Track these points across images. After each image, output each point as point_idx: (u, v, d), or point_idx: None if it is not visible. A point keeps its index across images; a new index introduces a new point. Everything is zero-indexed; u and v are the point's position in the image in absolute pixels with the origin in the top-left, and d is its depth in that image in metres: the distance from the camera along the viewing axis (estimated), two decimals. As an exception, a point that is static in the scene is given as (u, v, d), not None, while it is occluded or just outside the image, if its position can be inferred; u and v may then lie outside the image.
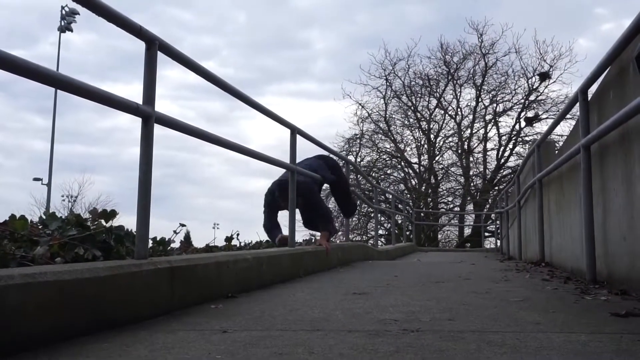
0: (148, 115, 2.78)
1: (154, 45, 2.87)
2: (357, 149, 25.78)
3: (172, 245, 4.43)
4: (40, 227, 3.12)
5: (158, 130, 2.86)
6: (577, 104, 4.30)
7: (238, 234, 5.01)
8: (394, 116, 26.33)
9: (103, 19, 2.49)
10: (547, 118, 24.10)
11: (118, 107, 2.61)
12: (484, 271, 5.78)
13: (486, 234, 22.45)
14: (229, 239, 4.84)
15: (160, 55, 2.92)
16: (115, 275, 2.31)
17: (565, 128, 18.64)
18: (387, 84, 25.64)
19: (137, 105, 2.71)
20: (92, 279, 2.16)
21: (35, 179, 32.64)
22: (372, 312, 2.67)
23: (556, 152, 6.72)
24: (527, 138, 24.83)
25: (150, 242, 3.64)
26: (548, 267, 5.81)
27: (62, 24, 29.91)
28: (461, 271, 5.61)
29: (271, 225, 6.04)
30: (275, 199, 5.92)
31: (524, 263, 7.36)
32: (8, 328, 1.77)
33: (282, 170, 5.54)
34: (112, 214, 3.14)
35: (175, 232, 4.40)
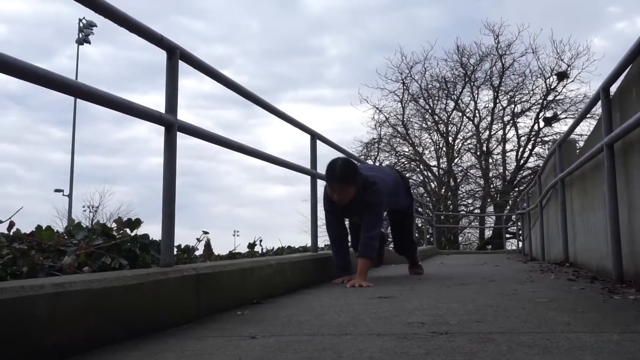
0: (171, 124, 2.80)
1: (175, 54, 2.88)
2: (376, 153, 25.77)
3: (195, 253, 4.45)
4: (66, 237, 3.15)
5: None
6: (599, 102, 4.27)
7: (261, 240, 5.02)
8: (411, 119, 26.32)
9: (125, 29, 2.52)
10: (565, 118, 23.98)
11: (142, 116, 2.62)
12: (508, 272, 5.75)
13: (507, 235, 22.31)
14: (251, 246, 4.85)
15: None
16: (143, 284, 2.32)
17: (584, 128, 18.51)
18: (404, 87, 25.64)
19: (160, 114, 2.73)
20: (120, 288, 2.18)
21: (57, 191, 32.97)
22: (399, 315, 2.66)
23: (577, 151, 6.68)
24: (546, 138, 24.69)
25: (175, 250, 3.65)
26: (573, 268, 5.77)
27: (80, 36, 30.25)
28: (485, 273, 5.58)
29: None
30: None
31: (548, 264, 7.30)
32: (40, 337, 1.79)
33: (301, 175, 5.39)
34: (136, 223, 3.17)
35: (198, 239, 4.43)
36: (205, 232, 4.36)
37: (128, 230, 3.13)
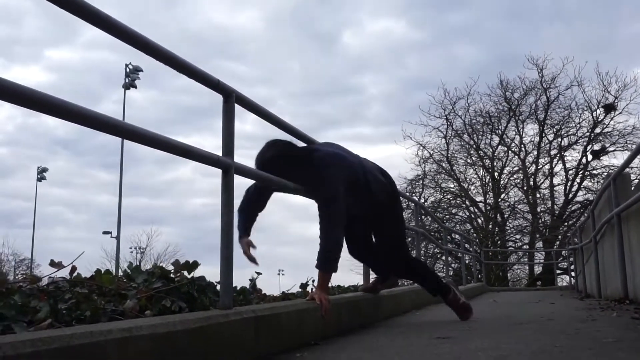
0: (228, 167, 2.83)
1: (231, 98, 2.93)
2: (420, 189, 25.59)
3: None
4: (125, 280, 3.18)
5: (216, 179, 2.89)
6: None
7: (313, 281, 4.98)
8: (456, 155, 26.08)
9: (184, 75, 2.58)
10: (614, 150, 23.48)
11: (200, 159, 2.67)
12: (566, 310, 5.60)
13: (558, 271, 21.79)
14: (304, 286, 4.83)
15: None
16: (205, 326, 2.33)
17: (635, 161, 18.11)
18: (448, 123, 25.49)
19: (218, 157, 2.77)
20: (183, 331, 2.18)
21: (105, 232, 33.55)
22: (462, 356, 2.59)
23: (633, 185, 6.53)
24: (594, 172, 24.20)
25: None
26: (634, 305, 5.58)
27: (127, 81, 31.03)
28: (542, 311, 5.44)
29: None
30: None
31: (606, 301, 7.09)
32: (109, 382, 1.79)
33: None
34: (194, 265, 3.18)
35: (250, 280, 4.43)
36: (259, 273, 4.36)
37: (186, 273, 3.14)
